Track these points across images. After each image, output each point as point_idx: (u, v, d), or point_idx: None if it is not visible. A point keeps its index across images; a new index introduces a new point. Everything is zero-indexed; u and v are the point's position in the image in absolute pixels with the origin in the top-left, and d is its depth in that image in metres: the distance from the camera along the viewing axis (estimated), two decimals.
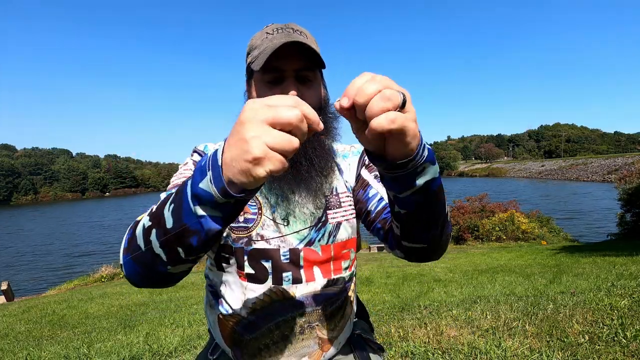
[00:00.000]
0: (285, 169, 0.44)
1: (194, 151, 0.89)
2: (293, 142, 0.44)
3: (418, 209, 0.61)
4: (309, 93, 0.79)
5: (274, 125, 0.43)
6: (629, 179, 12.74)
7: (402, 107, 0.45)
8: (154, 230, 0.54)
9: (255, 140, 0.42)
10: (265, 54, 0.73)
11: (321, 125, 0.46)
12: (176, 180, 0.82)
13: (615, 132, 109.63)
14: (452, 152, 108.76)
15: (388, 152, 0.51)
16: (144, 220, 0.57)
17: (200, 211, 0.49)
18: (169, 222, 0.52)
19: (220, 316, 0.83)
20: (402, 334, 2.55)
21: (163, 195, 0.76)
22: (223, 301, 0.83)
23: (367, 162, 0.91)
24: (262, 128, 0.43)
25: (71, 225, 36.48)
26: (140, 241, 0.56)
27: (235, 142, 0.44)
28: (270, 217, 0.81)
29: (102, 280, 10.87)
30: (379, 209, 0.82)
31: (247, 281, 0.81)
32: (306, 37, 0.79)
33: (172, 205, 0.52)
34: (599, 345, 2.02)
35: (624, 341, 2.02)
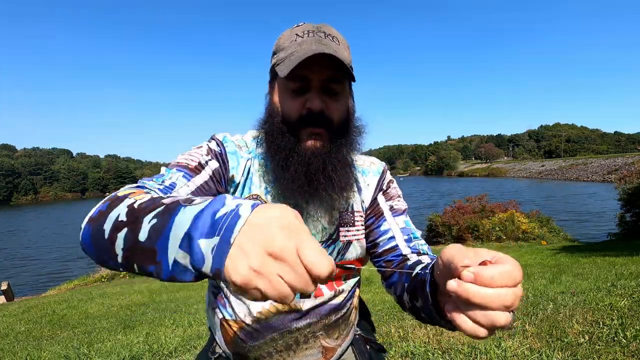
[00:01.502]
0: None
1: (212, 138, 0.84)
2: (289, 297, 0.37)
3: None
4: (334, 106, 0.75)
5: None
6: (629, 179, 12.72)
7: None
8: (125, 230, 0.46)
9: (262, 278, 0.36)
10: (292, 61, 0.69)
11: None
12: (183, 160, 0.76)
13: (615, 132, 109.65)
14: (452, 152, 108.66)
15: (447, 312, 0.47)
16: (121, 209, 0.48)
17: (179, 257, 0.40)
18: (143, 235, 0.43)
19: (223, 320, 0.82)
20: (402, 334, 2.55)
21: (162, 170, 0.73)
22: (227, 305, 0.81)
23: (384, 187, 0.88)
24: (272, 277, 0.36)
25: (69, 226, 36.47)
26: (107, 226, 0.48)
27: (242, 255, 0.36)
28: None
29: (102, 280, 10.87)
30: (386, 247, 0.80)
31: None
32: (338, 43, 0.74)
33: (155, 220, 0.43)
34: (599, 345, 2.02)
35: (624, 341, 2.02)
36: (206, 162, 0.77)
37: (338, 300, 0.83)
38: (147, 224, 0.43)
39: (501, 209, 14.92)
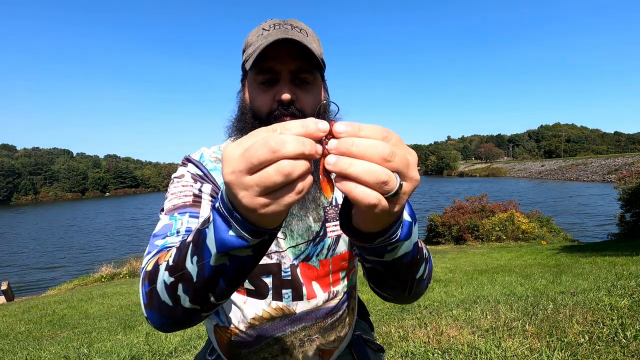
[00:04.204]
0: (307, 186, 0.37)
1: (188, 161, 0.81)
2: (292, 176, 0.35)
3: (383, 273, 0.56)
4: (305, 97, 0.73)
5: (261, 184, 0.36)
6: (629, 179, 12.73)
7: (393, 195, 0.37)
8: (180, 286, 0.50)
9: (251, 204, 0.37)
10: (257, 51, 0.68)
11: (318, 152, 0.36)
12: (177, 200, 0.73)
13: (615, 132, 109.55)
14: (452, 152, 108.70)
15: (354, 219, 0.44)
16: (164, 276, 0.52)
17: (231, 254, 0.44)
18: (195, 274, 0.48)
19: (217, 327, 0.81)
20: (402, 334, 2.55)
21: (165, 219, 0.70)
22: (220, 312, 0.80)
23: None
24: (252, 191, 0.36)
25: (69, 227, 36.43)
26: (166, 297, 0.52)
27: (233, 199, 0.39)
28: None
29: (102, 280, 10.87)
30: None
31: (247, 295, 0.78)
32: (306, 35, 0.73)
33: (196, 257, 0.47)
34: (599, 345, 2.02)
35: (624, 341, 2.02)
36: (199, 190, 0.75)
37: (333, 303, 0.81)
38: (192, 265, 0.47)
39: (501, 209, 14.93)
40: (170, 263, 0.51)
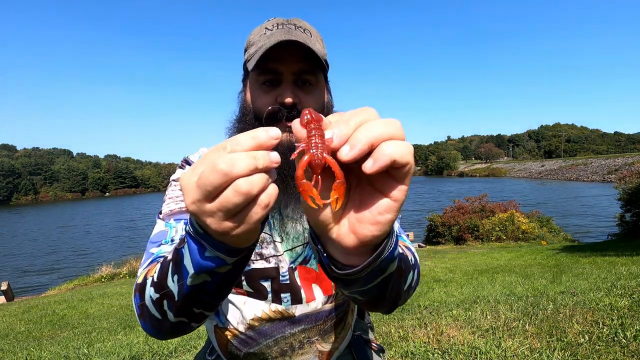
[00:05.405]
0: (272, 200, 0.36)
1: (187, 163, 0.81)
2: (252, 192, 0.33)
3: (381, 293, 0.52)
4: (307, 99, 0.73)
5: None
6: (629, 179, 12.71)
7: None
8: (165, 302, 0.52)
9: (220, 229, 0.37)
10: (260, 52, 0.68)
11: (273, 161, 0.34)
12: (174, 205, 0.74)
13: (615, 132, 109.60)
14: (452, 152, 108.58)
15: (362, 233, 0.37)
16: (150, 292, 0.54)
17: (212, 271, 0.45)
18: (176, 292, 0.49)
19: (217, 327, 0.81)
20: (402, 334, 2.55)
21: (161, 225, 0.71)
22: (220, 313, 0.80)
23: None
24: (217, 217, 0.36)
25: (69, 227, 36.39)
26: (155, 311, 0.54)
27: (202, 224, 0.38)
28: (269, 234, 0.77)
29: (102, 280, 10.86)
30: None
31: (247, 296, 0.78)
32: (310, 36, 0.73)
33: (176, 276, 0.48)
34: (599, 345, 2.02)
35: (624, 341, 2.02)
36: None
37: (333, 304, 0.81)
38: (173, 283, 0.49)
39: (501, 209, 14.92)
40: (155, 279, 0.53)
